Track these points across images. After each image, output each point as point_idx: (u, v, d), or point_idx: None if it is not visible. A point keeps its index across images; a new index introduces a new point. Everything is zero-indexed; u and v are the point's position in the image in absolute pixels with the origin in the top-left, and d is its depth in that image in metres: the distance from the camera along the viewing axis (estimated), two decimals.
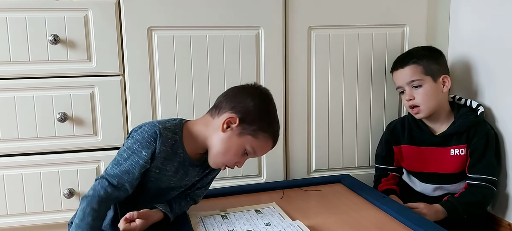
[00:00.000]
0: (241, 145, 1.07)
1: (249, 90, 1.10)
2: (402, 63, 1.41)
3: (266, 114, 1.09)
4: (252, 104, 1.07)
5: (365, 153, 1.59)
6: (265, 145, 1.10)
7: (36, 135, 1.33)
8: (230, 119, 1.06)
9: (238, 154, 1.09)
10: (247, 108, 1.06)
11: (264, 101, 1.10)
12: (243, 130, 1.07)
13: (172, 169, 1.09)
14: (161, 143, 1.04)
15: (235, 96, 1.09)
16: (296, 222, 1.10)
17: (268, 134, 1.09)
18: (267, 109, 1.10)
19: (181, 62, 1.38)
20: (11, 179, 1.33)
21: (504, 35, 1.36)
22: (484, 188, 1.34)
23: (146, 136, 1.04)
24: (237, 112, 1.06)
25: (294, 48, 1.47)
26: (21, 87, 1.30)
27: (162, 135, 1.04)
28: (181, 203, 1.16)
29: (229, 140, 1.07)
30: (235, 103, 1.08)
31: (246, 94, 1.09)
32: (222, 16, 1.39)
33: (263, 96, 1.10)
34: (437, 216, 1.29)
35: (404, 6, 1.52)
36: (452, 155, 1.39)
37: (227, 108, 1.08)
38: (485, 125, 1.38)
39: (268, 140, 1.10)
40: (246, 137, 1.07)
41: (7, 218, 1.35)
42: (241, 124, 1.06)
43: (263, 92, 1.11)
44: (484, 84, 1.45)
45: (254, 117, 1.06)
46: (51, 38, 1.28)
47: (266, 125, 1.08)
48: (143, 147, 1.03)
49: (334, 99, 1.53)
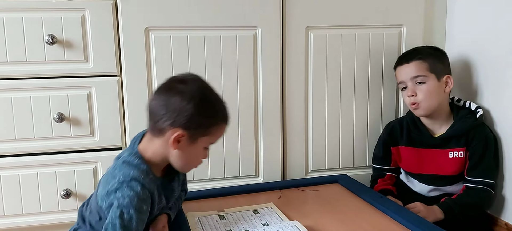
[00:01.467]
0: (198, 148, 1.02)
1: (177, 92, 0.98)
2: (407, 58, 1.41)
3: (208, 107, 1.00)
4: (190, 106, 0.96)
5: (362, 153, 1.60)
6: (219, 132, 1.04)
7: (33, 136, 1.32)
8: (176, 136, 0.97)
9: (200, 155, 1.04)
10: (188, 115, 0.97)
11: (199, 94, 0.99)
12: (194, 135, 0.99)
13: (156, 198, 1.01)
14: (151, 188, 0.98)
15: (167, 107, 0.97)
16: (294, 222, 1.10)
17: (218, 122, 1.02)
18: (206, 102, 0.99)
19: (178, 62, 1.38)
20: (8, 180, 1.33)
21: (501, 36, 1.37)
22: (482, 191, 1.34)
23: (140, 196, 0.94)
24: (180, 126, 0.97)
25: (292, 49, 1.47)
26: (18, 88, 1.30)
27: (151, 182, 0.98)
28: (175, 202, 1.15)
29: (185, 152, 1.01)
30: (173, 116, 0.97)
31: (179, 98, 0.97)
32: (219, 17, 1.39)
33: (196, 89, 0.99)
34: (435, 217, 1.29)
35: (401, 6, 1.53)
36: (450, 158, 1.39)
37: (166, 125, 0.97)
38: (484, 128, 1.38)
39: (221, 126, 1.03)
40: (200, 139, 1.01)
41: (4, 219, 1.34)
42: (189, 132, 0.98)
43: (193, 84, 1.00)
44: (480, 85, 1.46)
45: (198, 118, 0.98)
46: (48, 39, 1.27)
47: (213, 117, 1.01)
48: (147, 203, 0.96)
49: (332, 100, 1.53)
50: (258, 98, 1.46)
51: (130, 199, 0.93)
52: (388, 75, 1.56)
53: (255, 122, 1.47)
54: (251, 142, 1.48)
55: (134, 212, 0.93)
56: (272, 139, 1.49)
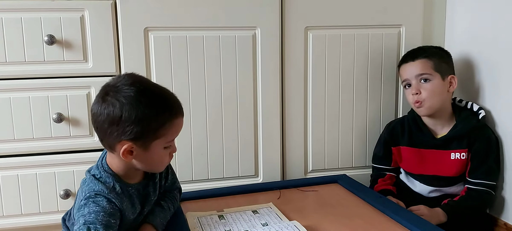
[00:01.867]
0: (156, 150, 0.97)
1: (110, 104, 0.92)
2: (413, 56, 1.41)
3: (150, 109, 0.93)
4: (126, 116, 0.91)
5: (361, 153, 1.60)
6: (175, 129, 0.98)
7: (32, 136, 1.32)
8: (126, 149, 0.93)
9: (162, 155, 0.99)
10: (128, 126, 0.91)
11: (134, 101, 0.91)
12: (144, 143, 0.95)
13: (128, 207, 0.99)
14: (120, 203, 0.96)
15: (106, 121, 0.92)
16: (293, 222, 1.10)
17: (165, 122, 0.95)
18: (143, 107, 0.92)
19: (177, 62, 1.38)
20: (6, 180, 1.33)
21: (500, 36, 1.37)
22: (484, 193, 1.34)
23: (106, 211, 0.93)
24: (125, 138, 0.93)
25: (291, 49, 1.47)
26: (17, 88, 1.30)
27: (117, 196, 0.96)
28: (163, 205, 1.10)
29: (143, 159, 0.97)
30: (114, 130, 0.92)
31: (112, 111, 0.91)
32: (218, 17, 1.39)
33: (130, 95, 0.92)
34: (439, 219, 1.29)
35: (400, 6, 1.53)
36: (452, 159, 1.39)
37: (113, 140, 0.93)
38: (486, 129, 1.38)
39: (172, 123, 0.97)
40: (154, 143, 0.96)
41: (3, 219, 1.34)
42: (137, 142, 0.94)
43: (127, 90, 0.92)
44: (479, 86, 1.46)
45: (140, 126, 0.92)
46: (47, 39, 1.27)
47: (158, 118, 0.94)
48: (115, 217, 0.94)
49: (331, 100, 1.53)
50: (258, 99, 1.46)
51: (96, 215, 0.91)
52: (388, 75, 1.56)
53: (254, 122, 1.47)
54: (251, 142, 1.48)
55: (101, 227, 0.90)
56: (272, 139, 1.49)
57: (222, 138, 1.46)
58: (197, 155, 1.44)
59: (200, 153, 1.45)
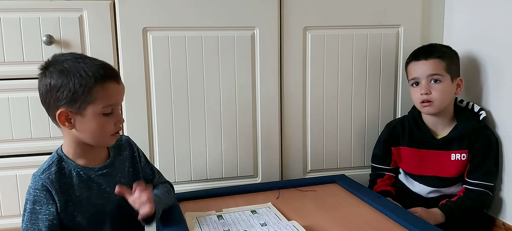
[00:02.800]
0: (94, 117, 0.99)
1: (43, 76, 0.98)
2: (426, 55, 1.38)
3: (74, 75, 0.96)
4: (55, 82, 0.96)
5: (360, 153, 1.60)
6: (108, 92, 0.99)
7: (31, 136, 1.32)
8: (61, 115, 0.98)
9: (104, 123, 1.00)
10: (58, 91, 0.96)
11: (59, 67, 0.97)
12: (79, 107, 0.97)
13: (84, 192, 1.05)
14: (51, 184, 1.01)
15: (43, 93, 0.99)
16: (292, 222, 1.10)
17: (97, 85, 0.97)
18: (69, 71, 0.96)
19: (176, 62, 1.38)
20: (5, 180, 1.32)
21: (499, 36, 1.37)
22: (482, 194, 1.34)
23: (37, 193, 1.00)
24: (59, 105, 0.97)
25: (290, 49, 1.47)
26: (16, 88, 1.30)
27: (47, 177, 1.01)
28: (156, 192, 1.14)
29: (83, 127, 1.00)
30: (50, 98, 0.98)
31: (45, 81, 0.97)
32: (217, 17, 1.39)
33: (56, 64, 0.98)
34: (436, 220, 1.29)
35: (399, 6, 1.53)
36: (453, 160, 1.39)
37: (51, 110, 0.99)
38: (487, 130, 1.38)
39: (104, 87, 0.98)
40: (88, 108, 0.98)
41: (1, 220, 1.34)
42: (71, 107, 0.97)
43: (53, 62, 0.99)
44: (478, 86, 1.46)
45: (68, 89, 0.96)
46: (46, 39, 1.27)
47: (84, 82, 0.96)
48: (40, 204, 1.00)
49: (329, 100, 1.53)
50: (256, 99, 1.46)
51: (32, 188, 1.02)
52: (386, 75, 1.56)
53: (253, 122, 1.47)
54: (249, 142, 1.48)
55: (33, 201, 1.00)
56: (270, 139, 1.49)
57: (221, 138, 1.45)
58: (196, 155, 1.44)
59: (198, 153, 1.44)
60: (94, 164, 1.07)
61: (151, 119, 1.39)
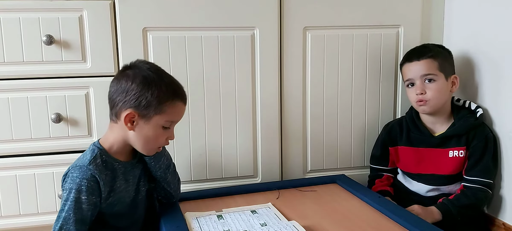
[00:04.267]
0: (155, 127, 1.08)
1: (124, 76, 1.08)
2: (418, 56, 1.39)
3: (154, 85, 1.06)
4: (135, 86, 1.05)
5: (360, 153, 1.60)
6: (175, 110, 1.10)
7: (31, 136, 1.32)
8: (128, 115, 1.06)
9: (159, 134, 1.10)
10: (135, 94, 1.05)
11: (145, 74, 1.07)
12: (146, 115, 1.06)
13: (122, 184, 1.12)
14: (99, 175, 1.06)
15: (118, 91, 1.07)
16: (292, 222, 1.10)
17: (169, 100, 1.08)
18: (151, 80, 1.06)
19: (176, 62, 1.38)
20: (5, 181, 1.32)
21: (499, 35, 1.37)
22: (479, 191, 1.34)
23: (84, 182, 1.05)
24: (129, 106, 1.05)
25: (290, 49, 1.47)
26: (16, 88, 1.30)
27: (96, 167, 1.06)
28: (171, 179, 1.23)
29: (142, 132, 1.08)
30: (122, 98, 1.06)
31: (125, 82, 1.06)
32: (217, 17, 1.39)
33: (139, 71, 1.07)
34: (433, 218, 1.29)
35: (399, 6, 1.53)
36: (450, 157, 1.39)
37: (120, 107, 1.07)
38: (484, 127, 1.38)
39: (174, 104, 1.09)
40: (154, 118, 1.07)
41: (1, 220, 1.34)
42: (140, 111, 1.06)
43: (137, 67, 1.09)
44: (478, 85, 1.46)
45: (145, 97, 1.05)
46: (46, 39, 1.27)
47: (160, 94, 1.06)
48: (86, 193, 1.05)
49: (329, 100, 1.53)
50: (256, 99, 1.46)
51: (78, 177, 1.05)
52: (386, 76, 1.56)
53: (253, 122, 1.47)
54: (249, 142, 1.48)
55: (79, 190, 1.05)
56: (270, 139, 1.49)
57: (220, 138, 1.46)
58: (196, 155, 1.44)
59: (198, 153, 1.44)
60: (127, 159, 1.15)
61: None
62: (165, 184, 1.21)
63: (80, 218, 1.05)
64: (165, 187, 1.22)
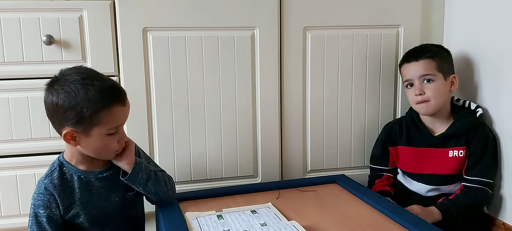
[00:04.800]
0: (99, 137, 1.02)
1: (51, 93, 1.00)
2: (416, 56, 1.40)
3: (82, 99, 0.97)
4: (62, 104, 0.98)
5: (360, 153, 1.60)
6: (114, 116, 1.02)
7: (31, 136, 1.32)
8: (67, 135, 1.01)
9: (107, 142, 1.04)
10: (65, 113, 0.98)
11: (67, 90, 0.98)
12: (84, 129, 1.00)
13: (85, 195, 1.09)
14: (53, 188, 1.06)
15: (49, 110, 1.02)
16: (292, 222, 1.10)
17: (103, 109, 1.00)
18: (77, 94, 0.98)
19: (176, 63, 1.38)
20: (5, 181, 1.32)
21: (499, 35, 1.37)
22: (479, 191, 1.34)
23: (40, 197, 1.06)
24: (66, 125, 1.00)
25: (290, 49, 1.47)
26: (16, 88, 1.30)
27: (50, 182, 1.06)
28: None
29: (88, 145, 1.03)
30: (55, 118, 1.01)
31: (54, 99, 0.99)
32: (217, 17, 1.39)
33: (64, 84, 0.99)
34: (433, 218, 1.29)
35: (399, 6, 1.53)
36: (450, 156, 1.39)
37: (57, 127, 1.03)
38: (484, 127, 1.38)
39: (111, 111, 1.01)
40: (93, 130, 1.01)
41: (1, 220, 1.34)
42: (78, 127, 1.00)
43: (63, 80, 1.00)
44: (478, 85, 1.46)
45: (76, 113, 0.98)
46: (46, 39, 1.27)
47: (91, 106, 0.98)
48: (43, 208, 1.06)
49: (329, 100, 1.53)
50: (256, 99, 1.46)
51: (36, 193, 1.07)
52: (386, 76, 1.56)
53: (253, 122, 1.47)
54: (249, 142, 1.48)
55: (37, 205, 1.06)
56: (270, 139, 1.49)
57: (220, 138, 1.46)
58: (196, 155, 1.44)
59: (198, 153, 1.44)
60: (94, 168, 1.11)
61: (151, 119, 1.40)
62: (152, 195, 1.16)
63: (44, 227, 1.06)
64: (152, 197, 1.17)
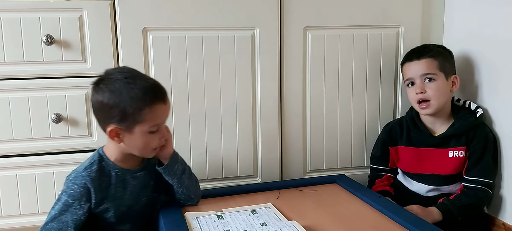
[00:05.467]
0: (141, 135, 1.07)
1: (97, 91, 1.06)
2: (418, 55, 1.40)
3: (125, 98, 1.03)
4: (107, 101, 1.03)
5: (360, 153, 1.60)
6: (156, 114, 1.07)
7: (31, 136, 1.32)
8: (111, 131, 1.06)
9: (149, 139, 1.08)
10: (110, 110, 1.04)
11: (111, 89, 1.04)
12: (128, 126, 1.05)
13: (119, 191, 1.14)
14: (91, 182, 1.09)
15: (95, 108, 1.08)
16: (292, 222, 1.10)
17: (146, 107, 1.04)
18: (121, 92, 1.03)
19: (176, 63, 1.38)
20: (5, 181, 1.32)
21: (499, 35, 1.37)
22: (479, 191, 1.34)
23: (75, 188, 1.08)
24: (111, 122, 1.05)
25: (290, 49, 1.47)
26: (16, 88, 1.30)
27: (88, 175, 1.09)
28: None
29: (131, 142, 1.08)
30: (101, 115, 1.07)
31: (100, 97, 1.05)
32: (217, 17, 1.39)
33: (109, 83, 1.04)
34: (433, 218, 1.29)
35: (399, 6, 1.53)
36: (450, 157, 1.39)
37: (102, 124, 1.09)
38: (484, 127, 1.38)
39: (152, 109, 1.05)
40: (136, 127, 1.06)
41: (1, 220, 1.34)
42: (121, 124, 1.05)
43: (107, 79, 1.05)
44: (478, 85, 1.46)
45: (119, 110, 1.03)
46: (46, 39, 1.27)
47: (134, 104, 1.03)
48: (74, 198, 1.08)
49: (330, 100, 1.53)
50: (256, 98, 1.46)
51: (70, 182, 1.09)
52: (386, 76, 1.56)
53: (253, 122, 1.47)
54: (249, 142, 1.48)
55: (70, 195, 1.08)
56: (270, 139, 1.49)
57: (220, 138, 1.46)
58: (196, 155, 1.44)
59: (198, 153, 1.44)
60: (132, 166, 1.16)
61: None
62: (184, 189, 1.20)
63: (65, 220, 1.07)
64: (184, 192, 1.21)
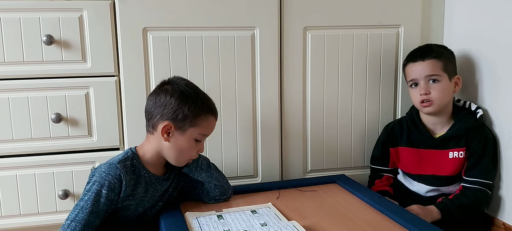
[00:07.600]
0: (189, 139, 1.16)
1: (163, 90, 1.16)
2: (422, 56, 1.39)
3: (191, 100, 1.14)
4: (173, 100, 1.13)
5: (360, 153, 1.60)
6: (208, 124, 1.18)
7: (31, 136, 1.32)
8: (165, 127, 1.13)
9: (192, 146, 1.17)
10: (173, 107, 1.13)
11: (182, 89, 1.15)
12: (182, 127, 1.14)
13: (141, 191, 1.17)
14: (124, 175, 1.11)
15: (156, 104, 1.15)
16: (292, 222, 1.10)
17: (203, 115, 1.16)
18: (188, 95, 1.14)
19: (176, 62, 1.38)
20: (5, 180, 1.32)
21: (499, 35, 1.37)
22: (479, 192, 1.34)
23: (109, 178, 1.10)
24: (167, 118, 1.13)
25: (290, 49, 1.47)
26: (16, 88, 1.30)
27: (123, 168, 1.12)
28: None
29: (176, 143, 1.16)
30: (160, 111, 1.14)
31: (163, 96, 1.14)
32: (217, 17, 1.39)
33: (177, 86, 1.15)
34: (432, 217, 1.29)
35: (399, 6, 1.53)
36: (450, 158, 1.39)
37: (157, 119, 1.15)
38: (484, 128, 1.38)
39: (207, 119, 1.17)
40: (189, 130, 1.15)
41: (1, 220, 1.34)
42: (176, 124, 1.14)
43: (175, 83, 1.17)
44: (478, 85, 1.46)
45: (182, 110, 1.13)
46: (46, 39, 1.27)
47: (196, 109, 1.14)
48: (107, 189, 1.10)
49: (330, 100, 1.53)
50: (256, 98, 1.46)
51: (104, 172, 1.11)
52: (386, 76, 1.56)
53: (253, 122, 1.47)
54: (249, 142, 1.48)
55: (101, 184, 1.10)
56: (270, 139, 1.49)
57: (220, 138, 1.46)
58: None
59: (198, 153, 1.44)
60: (156, 172, 1.21)
61: None
62: (215, 181, 1.25)
63: (96, 210, 1.09)
64: (217, 184, 1.25)
